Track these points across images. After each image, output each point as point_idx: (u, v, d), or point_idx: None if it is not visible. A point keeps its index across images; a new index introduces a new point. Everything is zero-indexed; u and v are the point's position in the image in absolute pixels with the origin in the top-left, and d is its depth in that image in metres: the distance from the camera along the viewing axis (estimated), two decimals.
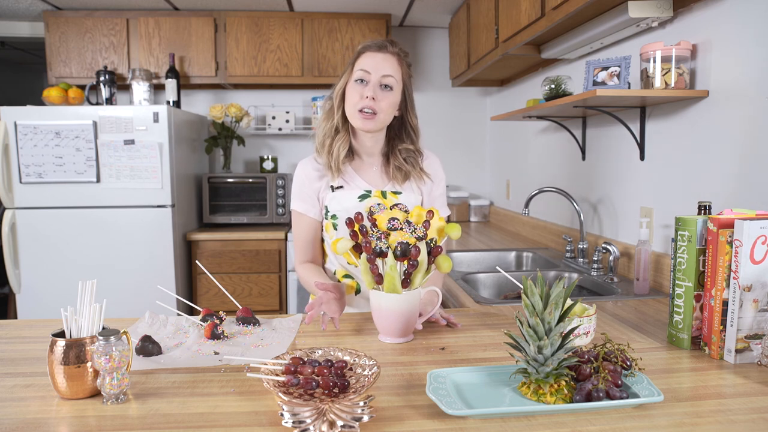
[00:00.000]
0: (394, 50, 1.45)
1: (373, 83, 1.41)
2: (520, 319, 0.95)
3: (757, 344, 1.08)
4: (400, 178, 1.52)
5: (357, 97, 1.42)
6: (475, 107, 4.00)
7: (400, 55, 1.46)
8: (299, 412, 0.81)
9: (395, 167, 1.52)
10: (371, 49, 1.43)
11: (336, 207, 1.49)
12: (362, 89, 1.41)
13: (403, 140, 1.53)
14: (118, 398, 0.92)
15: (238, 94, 3.85)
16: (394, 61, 1.44)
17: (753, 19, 1.44)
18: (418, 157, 1.55)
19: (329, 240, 1.53)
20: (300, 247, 1.55)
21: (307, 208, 1.52)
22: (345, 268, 1.54)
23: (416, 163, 1.53)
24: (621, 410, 0.88)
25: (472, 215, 3.77)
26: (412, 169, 1.52)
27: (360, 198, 1.48)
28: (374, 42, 1.45)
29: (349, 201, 1.48)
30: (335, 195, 1.49)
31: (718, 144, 1.58)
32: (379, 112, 1.42)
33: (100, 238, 2.98)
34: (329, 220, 1.50)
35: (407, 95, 1.50)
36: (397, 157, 1.52)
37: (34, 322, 1.40)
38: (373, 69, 1.41)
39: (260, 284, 3.27)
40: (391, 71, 1.43)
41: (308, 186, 1.51)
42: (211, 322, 1.24)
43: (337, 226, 1.49)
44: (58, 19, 3.41)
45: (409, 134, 1.54)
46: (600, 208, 2.27)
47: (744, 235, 1.06)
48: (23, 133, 2.90)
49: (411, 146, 1.53)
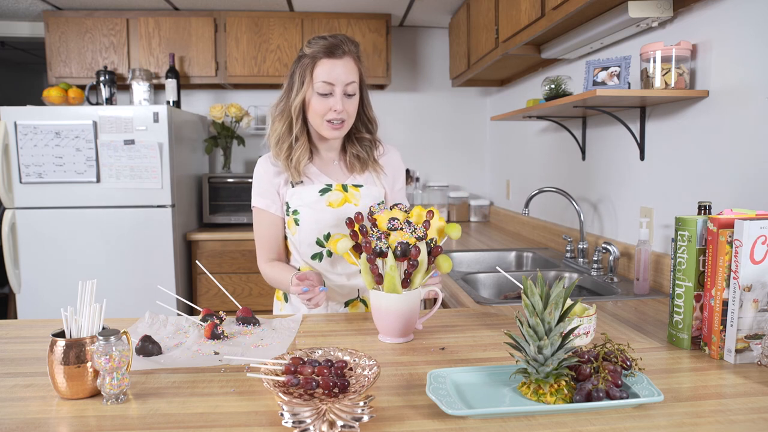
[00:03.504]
0: (348, 50, 1.41)
1: (339, 94, 1.39)
2: (520, 319, 0.95)
3: (757, 344, 1.08)
4: (358, 166, 1.52)
5: (324, 109, 1.40)
6: (475, 107, 4.00)
7: (354, 52, 1.42)
8: (299, 412, 0.81)
9: (353, 155, 1.52)
10: (326, 56, 1.38)
11: (297, 202, 1.48)
12: (328, 101, 1.40)
13: (360, 130, 1.52)
14: (118, 398, 0.92)
15: (238, 94, 3.85)
16: (352, 65, 1.41)
17: (753, 19, 1.44)
18: (374, 147, 1.55)
19: (292, 237, 1.51)
20: (264, 246, 1.53)
21: (268, 204, 1.50)
22: (309, 265, 1.52)
23: (371, 152, 1.54)
24: (621, 410, 0.88)
25: (472, 215, 3.77)
26: (368, 157, 1.52)
27: (321, 192, 1.48)
28: (325, 45, 1.39)
29: (309, 196, 1.47)
30: (295, 191, 1.48)
31: (718, 144, 1.58)
32: (347, 119, 1.43)
33: (100, 238, 2.98)
34: (290, 216, 1.49)
35: (364, 90, 1.49)
36: (355, 145, 1.52)
37: (34, 322, 1.40)
38: (335, 80, 1.38)
39: (260, 284, 3.27)
40: (352, 77, 1.41)
41: (267, 182, 1.50)
42: (211, 322, 1.24)
43: (299, 221, 1.47)
44: (58, 19, 3.41)
45: (365, 124, 1.52)
46: (600, 208, 2.27)
47: (744, 235, 1.06)
48: (23, 133, 2.90)
49: (368, 135, 1.52)
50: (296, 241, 1.50)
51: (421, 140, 3.95)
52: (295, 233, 1.49)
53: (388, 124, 3.82)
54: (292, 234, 1.51)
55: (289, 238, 1.54)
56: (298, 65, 1.43)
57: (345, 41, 1.41)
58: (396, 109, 3.91)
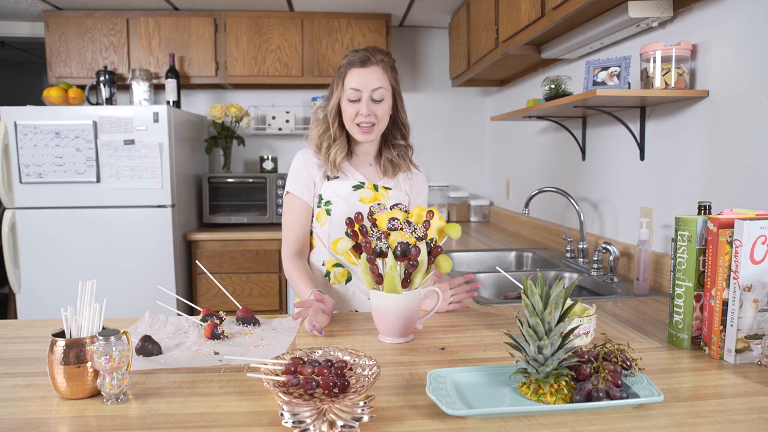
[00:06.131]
0: (377, 60, 1.50)
1: (365, 99, 1.49)
2: (520, 319, 0.95)
3: (757, 344, 1.08)
4: (391, 171, 1.62)
5: (353, 113, 1.50)
6: (475, 107, 4.00)
7: (384, 62, 1.52)
8: (299, 412, 0.81)
9: (388, 160, 1.62)
10: (356, 65, 1.49)
11: (330, 194, 1.56)
12: (356, 106, 1.49)
13: (395, 136, 1.62)
14: (118, 398, 0.92)
15: (238, 94, 3.85)
16: (380, 72, 1.50)
17: (753, 19, 1.44)
18: (408, 151, 1.65)
19: (320, 228, 1.57)
20: (290, 234, 1.57)
21: (303, 192, 1.57)
22: (335, 257, 1.58)
23: (406, 156, 1.64)
24: (621, 410, 0.88)
25: (472, 215, 3.77)
26: (403, 161, 1.63)
27: (354, 188, 1.56)
28: (357, 56, 1.49)
29: (343, 189, 1.56)
30: (330, 184, 1.57)
31: (718, 144, 1.57)
32: (376, 123, 1.51)
33: (100, 238, 2.98)
34: (322, 207, 1.56)
35: (397, 96, 1.58)
36: (390, 151, 1.62)
37: (34, 322, 1.40)
38: (362, 86, 1.48)
39: (260, 284, 3.27)
40: (380, 83, 1.49)
41: (307, 172, 1.58)
42: (211, 322, 1.24)
43: (331, 211, 1.55)
44: (58, 19, 3.41)
45: (400, 129, 1.62)
46: (600, 208, 2.27)
47: (744, 235, 1.06)
48: (23, 133, 2.90)
49: (402, 141, 1.63)
50: (325, 232, 1.56)
51: (421, 140, 3.92)
52: (325, 224, 1.56)
53: None
54: (320, 225, 1.57)
55: (316, 230, 1.60)
56: (336, 75, 1.55)
57: (374, 52, 1.51)
58: None
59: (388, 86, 1.52)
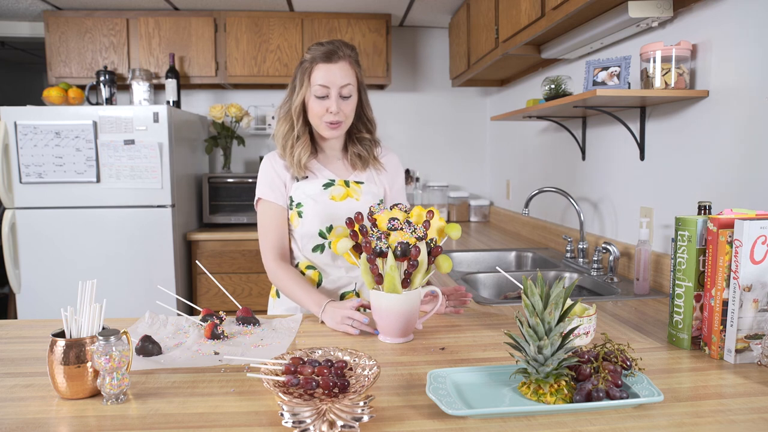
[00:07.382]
0: (344, 54, 1.47)
1: (334, 96, 1.46)
2: (520, 319, 0.95)
3: (757, 344, 1.08)
4: (360, 164, 1.59)
5: (321, 110, 1.47)
6: (475, 107, 4.00)
7: (350, 57, 1.49)
8: (299, 412, 0.81)
9: (354, 154, 1.59)
10: (322, 61, 1.45)
11: (300, 196, 1.54)
12: (325, 103, 1.47)
13: (360, 130, 1.59)
14: (118, 398, 0.92)
15: (238, 94, 3.85)
16: (347, 68, 1.48)
17: (753, 19, 1.44)
18: (374, 146, 1.62)
19: (294, 230, 1.56)
20: (269, 240, 1.54)
21: (276, 196, 1.55)
22: (308, 259, 1.56)
23: (371, 151, 1.61)
24: (621, 410, 0.88)
25: (472, 215, 3.77)
26: (368, 155, 1.60)
27: (324, 186, 1.54)
28: (322, 51, 1.46)
29: (312, 189, 1.53)
30: (300, 185, 1.55)
31: (718, 144, 1.57)
32: (344, 120, 1.50)
33: (100, 238, 2.98)
34: (294, 209, 1.54)
35: (362, 91, 1.55)
36: (356, 145, 1.59)
37: (34, 322, 1.40)
38: (330, 83, 1.45)
39: (260, 284, 3.27)
40: (348, 79, 1.47)
41: (275, 175, 1.56)
42: (211, 322, 1.24)
43: (303, 213, 1.53)
44: (58, 19, 3.41)
45: (365, 125, 1.60)
46: (600, 208, 2.27)
47: (744, 235, 1.06)
48: (23, 133, 2.90)
49: (368, 135, 1.60)
50: (298, 234, 1.55)
51: (421, 140, 3.95)
52: (297, 226, 1.54)
53: (388, 124, 3.81)
54: (294, 227, 1.55)
55: (291, 232, 1.57)
56: (299, 70, 1.51)
57: (341, 46, 1.48)
58: (396, 109, 3.91)
59: (355, 82, 1.50)
